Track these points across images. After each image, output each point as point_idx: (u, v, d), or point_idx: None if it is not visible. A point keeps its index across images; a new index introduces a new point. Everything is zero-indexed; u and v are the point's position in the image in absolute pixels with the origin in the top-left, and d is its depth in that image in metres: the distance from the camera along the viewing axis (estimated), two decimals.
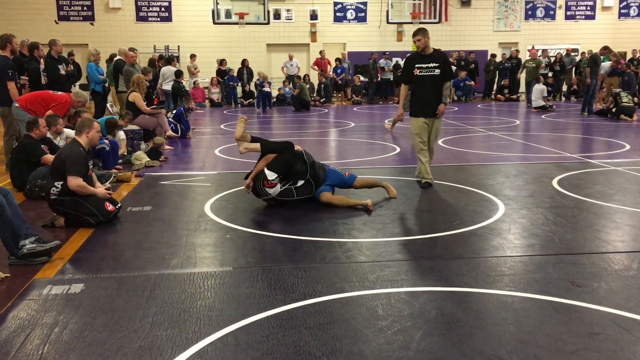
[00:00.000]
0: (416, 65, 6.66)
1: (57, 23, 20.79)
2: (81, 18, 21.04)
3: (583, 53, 19.96)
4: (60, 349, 2.91)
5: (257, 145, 5.80)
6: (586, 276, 3.83)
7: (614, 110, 13.98)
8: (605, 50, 15.04)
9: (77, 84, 10.89)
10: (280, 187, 5.68)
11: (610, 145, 9.82)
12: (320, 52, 20.18)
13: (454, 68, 20.01)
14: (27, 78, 8.62)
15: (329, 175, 5.98)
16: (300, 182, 5.79)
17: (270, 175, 5.57)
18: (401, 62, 20.78)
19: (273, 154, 5.71)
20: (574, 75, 20.67)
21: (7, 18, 19.87)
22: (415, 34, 6.67)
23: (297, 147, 5.83)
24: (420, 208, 5.78)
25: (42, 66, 9.49)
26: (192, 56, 19.24)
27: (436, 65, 6.59)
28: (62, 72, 9.39)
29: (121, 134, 8.59)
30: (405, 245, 4.53)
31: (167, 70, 14.42)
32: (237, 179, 6.93)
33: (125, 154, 8.55)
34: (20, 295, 3.62)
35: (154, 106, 10.46)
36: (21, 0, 20.37)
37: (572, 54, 21.35)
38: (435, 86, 6.62)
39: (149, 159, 8.15)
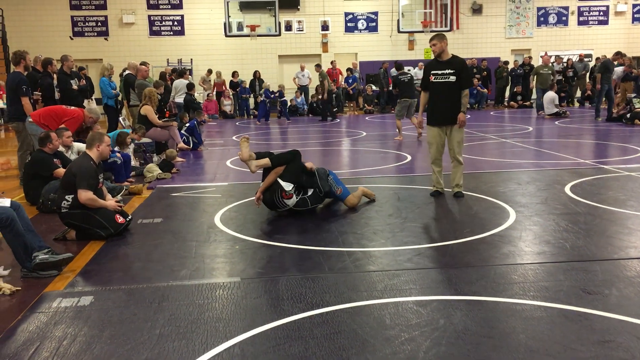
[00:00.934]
0: (432, 72, 6.43)
1: (72, 39, 21.11)
2: (95, 34, 21.35)
3: (598, 58, 19.80)
4: None
5: (267, 161, 5.79)
6: (598, 283, 3.77)
7: (628, 115, 13.86)
8: (617, 56, 14.93)
9: (93, 97, 10.99)
10: (296, 198, 5.70)
11: (624, 151, 9.71)
12: (332, 63, 20.24)
13: None
14: (40, 93, 8.73)
15: (335, 177, 6.12)
16: (310, 191, 5.81)
17: (287, 186, 5.62)
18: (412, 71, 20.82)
19: (282, 166, 5.74)
20: (587, 80, 20.52)
21: (23, 35, 20.21)
22: (431, 39, 6.43)
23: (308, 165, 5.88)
24: (431, 216, 5.75)
25: (55, 82, 9.62)
26: (209, 71, 19.44)
27: (452, 71, 6.30)
28: (75, 87, 9.50)
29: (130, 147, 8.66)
30: (414, 254, 4.50)
31: (180, 83, 14.54)
32: (247, 190, 6.96)
33: (138, 165, 8.62)
34: (30, 308, 3.64)
35: (166, 119, 10.53)
36: (37, 17, 20.73)
37: (585, 59, 21.21)
38: (450, 93, 6.33)
39: (160, 172, 8.21)
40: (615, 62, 15.20)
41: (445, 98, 6.37)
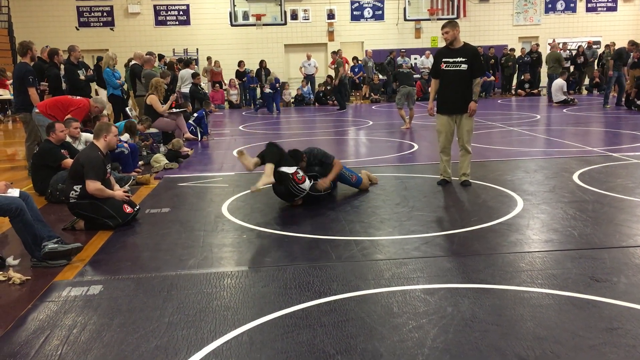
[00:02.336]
0: (443, 60, 6.35)
1: (77, 29, 21.12)
2: (101, 24, 21.35)
3: (607, 45, 19.61)
4: (78, 350, 2.94)
5: (271, 166, 5.54)
6: (606, 271, 3.76)
7: (639, 102, 13.75)
8: (633, 46, 14.78)
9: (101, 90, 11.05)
10: (309, 182, 5.69)
11: (633, 138, 9.65)
12: (338, 51, 20.13)
13: None
14: (47, 84, 8.75)
15: (345, 167, 6.23)
16: (313, 174, 5.86)
17: (290, 169, 5.57)
18: (418, 60, 20.72)
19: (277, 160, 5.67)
20: (595, 68, 20.35)
21: (29, 26, 20.24)
22: (443, 27, 6.33)
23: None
24: (438, 205, 5.74)
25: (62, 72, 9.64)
26: (208, 59, 19.44)
27: (463, 60, 6.23)
28: (82, 77, 9.51)
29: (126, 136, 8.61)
30: (422, 243, 4.50)
31: (185, 73, 14.53)
32: (254, 179, 6.94)
33: (145, 154, 8.64)
34: (40, 297, 3.67)
35: (173, 109, 10.53)
36: (42, 8, 20.73)
37: (594, 46, 21.03)
38: (461, 82, 6.27)
39: (167, 162, 8.23)
40: (631, 54, 15.09)
41: (457, 86, 6.32)
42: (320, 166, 6.04)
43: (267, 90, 17.15)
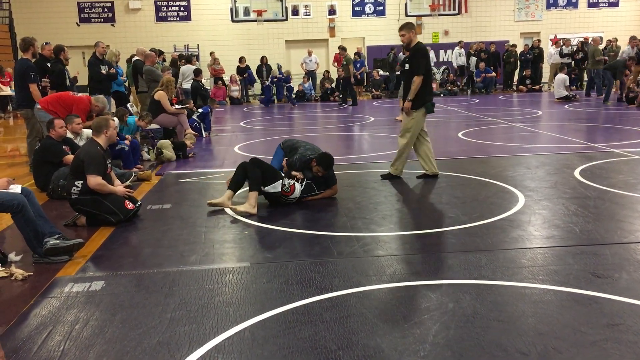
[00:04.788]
0: (404, 61, 6.85)
1: (78, 25, 21.10)
2: (102, 20, 21.33)
3: (609, 41, 19.54)
4: (80, 345, 2.95)
5: (255, 194, 5.49)
6: (607, 267, 3.76)
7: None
8: (634, 40, 14.73)
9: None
10: (300, 186, 5.69)
11: (634, 135, 9.64)
12: (340, 47, 20.08)
13: (473, 59, 19.83)
14: (49, 80, 8.75)
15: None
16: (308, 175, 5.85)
17: (275, 187, 5.53)
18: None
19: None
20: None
21: (29, 22, 20.22)
22: (400, 29, 6.59)
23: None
24: (439, 201, 5.74)
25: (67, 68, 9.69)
26: (212, 54, 19.41)
27: (407, 60, 6.61)
28: (103, 72, 9.64)
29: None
30: (423, 239, 4.50)
31: (187, 69, 14.52)
32: None
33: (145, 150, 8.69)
34: (42, 293, 3.68)
35: (177, 106, 10.53)
36: (43, 3, 20.71)
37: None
38: (408, 81, 6.58)
39: (172, 153, 8.33)
40: (634, 48, 15.08)
41: (405, 85, 6.70)
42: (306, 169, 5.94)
43: (267, 83, 17.19)
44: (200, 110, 11.52)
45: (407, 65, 6.55)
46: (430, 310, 3.20)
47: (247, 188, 5.58)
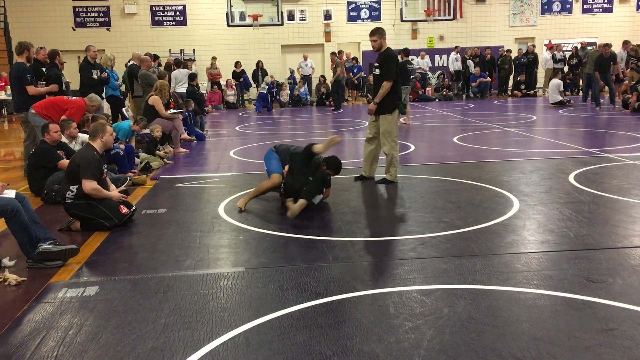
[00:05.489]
0: (374, 65, 6.95)
1: (74, 30, 21.07)
2: (98, 24, 21.30)
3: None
4: (74, 351, 2.94)
5: (304, 202, 5.46)
6: (602, 272, 3.77)
7: (637, 105, 13.74)
8: (606, 47, 14.54)
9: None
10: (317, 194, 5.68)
11: (628, 139, 9.68)
12: (339, 52, 20.02)
13: (471, 63, 19.89)
14: (45, 83, 8.74)
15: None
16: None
17: (316, 199, 5.63)
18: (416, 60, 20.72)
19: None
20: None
21: (25, 26, 20.19)
22: (372, 34, 6.71)
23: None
24: (435, 206, 5.75)
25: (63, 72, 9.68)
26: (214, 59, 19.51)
27: (377, 65, 6.73)
28: (94, 76, 9.62)
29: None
30: (418, 243, 4.50)
31: (179, 73, 14.45)
32: (251, 180, 6.96)
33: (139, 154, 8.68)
34: (36, 298, 3.67)
35: (172, 110, 10.52)
36: (39, 8, 20.67)
37: (589, 47, 21.06)
38: (377, 85, 6.73)
39: (158, 160, 8.34)
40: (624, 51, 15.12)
41: (375, 89, 6.85)
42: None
43: (263, 88, 17.18)
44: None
45: (377, 70, 6.72)
46: (425, 315, 3.20)
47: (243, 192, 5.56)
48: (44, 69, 8.88)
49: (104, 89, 10.47)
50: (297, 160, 5.81)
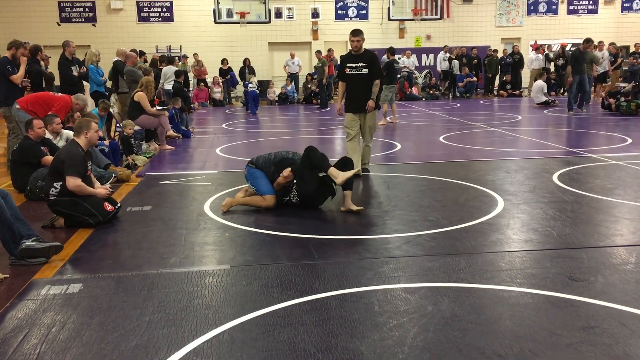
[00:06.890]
0: (347, 65, 7.10)
1: (59, 25, 20.87)
2: (83, 19, 21.12)
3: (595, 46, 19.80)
4: (56, 349, 2.92)
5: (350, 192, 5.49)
6: (584, 270, 3.82)
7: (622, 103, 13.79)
8: (588, 44, 14.36)
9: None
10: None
11: (611, 140, 9.79)
12: (329, 51, 19.88)
13: (455, 63, 19.99)
14: (29, 80, 8.65)
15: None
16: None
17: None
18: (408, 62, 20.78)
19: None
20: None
21: (8, 20, 19.97)
22: (355, 34, 6.98)
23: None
24: (420, 204, 5.77)
25: (43, 68, 9.55)
26: (195, 56, 19.31)
27: (364, 64, 6.95)
28: (75, 73, 9.50)
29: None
30: (403, 242, 4.52)
31: (169, 70, 14.41)
32: (237, 178, 6.94)
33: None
34: (19, 295, 3.63)
35: (158, 107, 10.46)
36: (23, 2, 20.45)
37: (574, 48, 21.24)
38: (363, 84, 6.96)
39: (142, 158, 8.29)
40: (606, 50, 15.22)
41: (359, 88, 7.00)
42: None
43: (251, 87, 17.06)
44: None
45: (365, 70, 6.94)
46: (409, 313, 3.21)
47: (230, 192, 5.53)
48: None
49: (89, 84, 10.38)
50: (301, 169, 5.50)
